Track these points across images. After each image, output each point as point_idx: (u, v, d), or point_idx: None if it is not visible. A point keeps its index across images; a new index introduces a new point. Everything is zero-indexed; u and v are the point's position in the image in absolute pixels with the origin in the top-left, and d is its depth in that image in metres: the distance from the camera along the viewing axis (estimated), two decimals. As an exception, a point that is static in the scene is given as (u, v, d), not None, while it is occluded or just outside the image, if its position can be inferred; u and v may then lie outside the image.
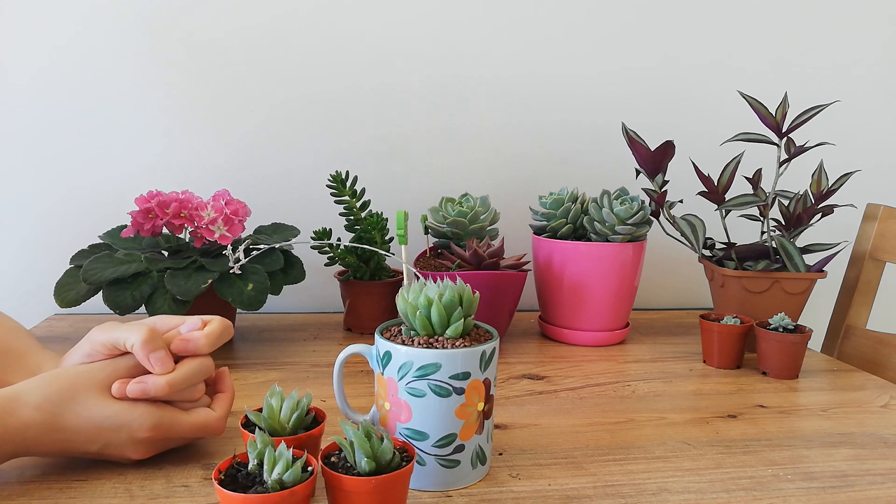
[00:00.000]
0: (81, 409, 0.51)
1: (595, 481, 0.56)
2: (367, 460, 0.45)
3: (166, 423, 0.54)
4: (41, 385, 0.51)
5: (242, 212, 0.88)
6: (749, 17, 1.17)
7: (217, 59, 1.06)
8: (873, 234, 1.04)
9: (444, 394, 0.51)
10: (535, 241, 0.98)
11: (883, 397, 0.78)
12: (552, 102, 1.15)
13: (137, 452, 0.54)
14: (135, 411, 0.53)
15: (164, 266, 0.83)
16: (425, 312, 0.54)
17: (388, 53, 1.09)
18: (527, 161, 1.16)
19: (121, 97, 1.05)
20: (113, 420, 0.52)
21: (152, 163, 1.06)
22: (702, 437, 0.65)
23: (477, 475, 0.55)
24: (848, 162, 1.12)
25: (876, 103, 1.24)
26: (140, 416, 0.53)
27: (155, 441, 0.55)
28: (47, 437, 0.51)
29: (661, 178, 0.94)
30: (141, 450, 0.54)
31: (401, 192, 1.13)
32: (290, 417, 0.51)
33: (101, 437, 0.52)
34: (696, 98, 1.18)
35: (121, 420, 0.52)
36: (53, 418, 0.51)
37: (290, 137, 1.09)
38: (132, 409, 0.53)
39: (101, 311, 0.88)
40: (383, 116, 1.11)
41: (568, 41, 1.13)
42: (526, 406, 0.72)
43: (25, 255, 1.06)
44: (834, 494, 0.55)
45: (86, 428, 0.52)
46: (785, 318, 0.84)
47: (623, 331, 0.97)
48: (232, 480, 0.44)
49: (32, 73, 1.02)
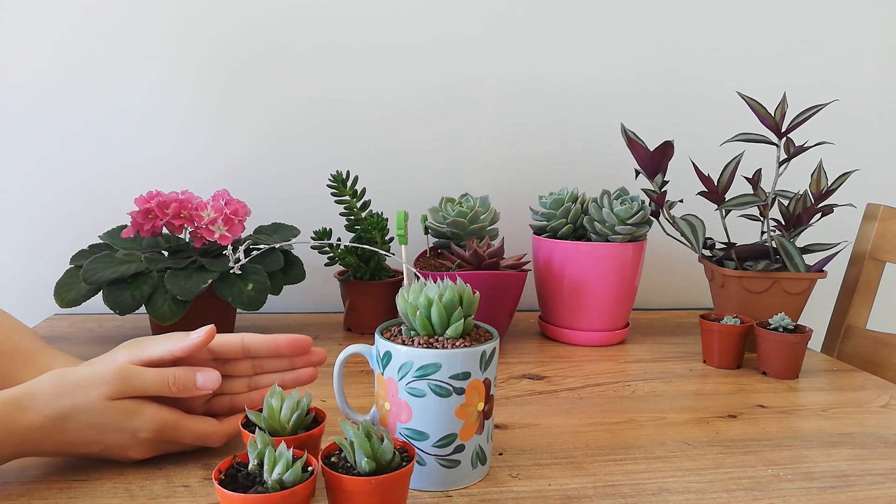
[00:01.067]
0: (84, 415, 0.51)
1: (595, 481, 0.56)
2: (367, 460, 0.45)
3: (171, 426, 0.54)
4: (45, 388, 0.51)
5: (242, 212, 0.88)
6: (749, 17, 1.17)
7: (217, 59, 1.06)
8: (873, 234, 1.04)
9: (444, 394, 0.51)
10: (535, 241, 0.98)
11: (883, 397, 0.78)
12: (552, 102, 1.15)
13: (139, 453, 0.54)
14: (141, 415, 0.53)
15: (164, 266, 0.83)
16: (425, 312, 0.54)
17: (388, 53, 1.09)
18: (527, 161, 1.16)
19: (121, 97, 1.04)
20: (118, 425, 0.52)
21: (152, 163, 1.06)
22: (702, 437, 0.65)
23: (477, 475, 0.55)
24: (848, 162, 1.12)
25: (876, 103, 1.24)
26: (145, 420, 0.53)
27: (157, 443, 0.55)
28: (50, 440, 0.51)
29: (661, 178, 0.94)
30: (142, 450, 0.54)
31: (401, 192, 1.13)
32: (290, 417, 0.51)
33: (104, 440, 0.52)
34: (696, 98, 1.18)
35: (125, 423, 0.52)
36: (56, 423, 0.50)
37: (290, 137, 1.09)
38: (138, 413, 0.53)
39: (101, 311, 0.88)
40: (383, 116, 1.11)
41: (568, 41, 1.13)
42: (526, 406, 0.72)
43: (25, 254, 1.06)
44: (834, 494, 0.55)
45: (89, 431, 0.52)
46: (785, 318, 0.84)
47: (623, 331, 0.97)
48: (232, 480, 0.44)
49: (32, 72, 1.02)
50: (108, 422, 0.52)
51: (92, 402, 0.51)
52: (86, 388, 0.51)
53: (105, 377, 0.52)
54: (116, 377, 0.52)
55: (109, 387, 0.52)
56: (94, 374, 0.52)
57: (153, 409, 0.53)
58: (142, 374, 0.54)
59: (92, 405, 0.51)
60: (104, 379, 0.52)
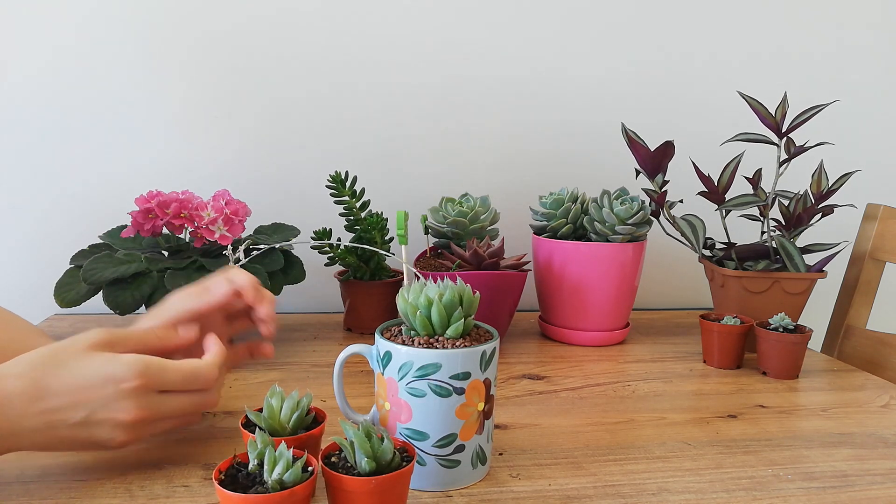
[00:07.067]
0: (65, 370, 0.50)
1: (595, 481, 0.56)
2: (367, 460, 0.45)
3: (154, 366, 0.52)
4: (25, 357, 0.51)
5: (242, 212, 0.88)
6: (750, 17, 1.17)
7: (217, 59, 1.06)
8: (873, 234, 1.04)
9: (444, 394, 0.51)
10: (535, 241, 0.98)
11: (883, 397, 0.78)
12: (552, 102, 1.15)
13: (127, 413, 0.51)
14: (121, 359, 0.52)
15: (164, 266, 0.83)
16: (425, 312, 0.54)
17: (388, 53, 1.09)
18: (527, 161, 1.16)
19: (121, 97, 1.04)
20: (98, 373, 0.51)
21: (152, 163, 1.06)
22: (702, 437, 0.65)
23: (477, 475, 0.55)
24: (848, 162, 1.12)
25: (876, 103, 1.24)
26: (126, 364, 0.51)
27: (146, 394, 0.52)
28: (32, 408, 0.49)
29: (661, 178, 0.94)
30: (131, 409, 0.51)
31: (401, 192, 1.13)
32: (290, 417, 0.51)
33: (87, 399, 0.50)
34: (697, 97, 1.18)
35: (107, 371, 0.51)
36: (36, 384, 0.49)
37: (290, 137, 1.09)
38: (118, 358, 0.52)
39: (101, 311, 0.88)
40: (383, 116, 1.11)
41: (567, 40, 1.13)
42: (526, 406, 0.72)
43: (25, 254, 1.06)
44: (834, 494, 0.55)
45: (70, 389, 0.50)
46: (785, 318, 0.84)
47: (623, 331, 0.97)
48: (232, 480, 0.44)
49: (32, 73, 1.02)
50: (90, 373, 0.50)
51: (73, 355, 0.51)
52: (68, 346, 0.52)
53: (88, 335, 0.53)
54: (100, 334, 0.54)
55: (90, 341, 0.53)
56: (77, 336, 0.54)
57: (134, 354, 0.53)
58: (125, 332, 0.56)
59: (73, 357, 0.51)
60: (87, 336, 0.53)
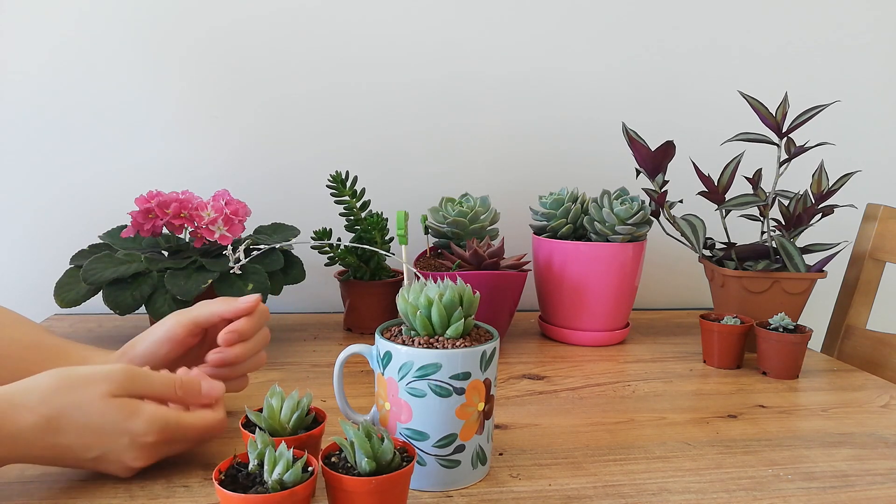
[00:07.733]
0: (80, 413, 0.48)
1: (595, 481, 0.56)
2: (367, 460, 0.45)
3: (173, 424, 0.52)
4: (44, 385, 0.48)
5: (242, 212, 0.88)
6: (750, 17, 1.17)
7: (217, 58, 1.06)
8: (873, 234, 1.04)
9: (444, 394, 0.51)
10: (535, 241, 0.98)
11: (883, 397, 0.78)
12: (552, 101, 1.15)
13: (137, 460, 0.51)
14: (141, 414, 0.50)
15: (164, 266, 0.83)
16: (426, 312, 0.54)
17: (388, 52, 1.09)
18: (527, 161, 1.16)
19: (121, 96, 1.04)
20: (116, 426, 0.49)
21: (152, 163, 1.06)
22: (702, 437, 0.65)
23: (477, 475, 0.55)
24: (848, 162, 1.12)
25: (876, 103, 1.24)
26: (146, 420, 0.50)
27: (158, 445, 0.52)
28: (42, 442, 0.48)
29: (662, 178, 0.94)
30: (141, 457, 0.51)
31: (401, 192, 1.13)
32: (290, 417, 0.51)
33: (100, 444, 0.49)
34: (697, 97, 1.18)
35: (125, 427, 0.49)
36: (51, 422, 0.47)
37: (290, 137, 1.09)
38: (138, 412, 0.50)
39: (101, 311, 0.88)
40: (383, 116, 1.11)
41: (567, 39, 1.13)
42: (526, 406, 0.72)
43: (25, 254, 1.06)
44: (834, 494, 0.55)
45: (85, 433, 0.48)
46: (785, 318, 0.84)
47: (623, 331, 0.97)
48: (232, 481, 0.44)
49: (32, 72, 1.02)
50: (106, 422, 0.49)
51: (91, 399, 0.48)
52: (87, 385, 0.49)
53: (109, 375, 0.50)
54: (121, 376, 0.50)
55: (112, 385, 0.49)
56: (97, 371, 0.50)
57: (153, 407, 0.51)
58: (148, 375, 0.52)
59: (90, 402, 0.48)
60: (108, 376, 0.50)
